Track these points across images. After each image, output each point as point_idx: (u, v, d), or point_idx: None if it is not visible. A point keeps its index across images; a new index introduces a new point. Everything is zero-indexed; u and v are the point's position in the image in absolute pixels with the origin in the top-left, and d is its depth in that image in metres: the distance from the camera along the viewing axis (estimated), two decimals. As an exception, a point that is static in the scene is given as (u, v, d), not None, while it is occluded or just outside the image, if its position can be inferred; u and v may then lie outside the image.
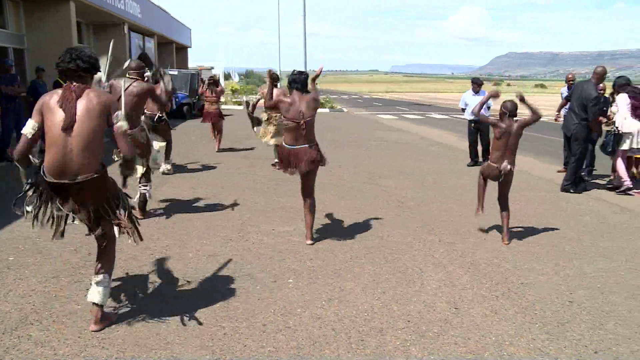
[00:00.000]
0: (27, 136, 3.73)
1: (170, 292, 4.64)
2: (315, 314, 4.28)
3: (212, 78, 13.81)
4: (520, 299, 4.71)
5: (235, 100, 32.70)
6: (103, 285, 3.94)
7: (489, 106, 11.69)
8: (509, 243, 6.20)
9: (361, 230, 6.60)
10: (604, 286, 5.05)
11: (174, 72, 22.98)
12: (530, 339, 3.99)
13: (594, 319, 4.36)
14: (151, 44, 28.13)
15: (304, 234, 6.22)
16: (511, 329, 4.14)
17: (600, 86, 10.37)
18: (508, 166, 6.11)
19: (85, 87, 3.77)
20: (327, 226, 6.76)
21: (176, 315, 4.17)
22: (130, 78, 6.71)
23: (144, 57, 8.40)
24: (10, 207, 4.02)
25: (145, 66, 7.29)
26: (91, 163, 3.70)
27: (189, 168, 10.64)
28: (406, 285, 4.91)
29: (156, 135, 9.65)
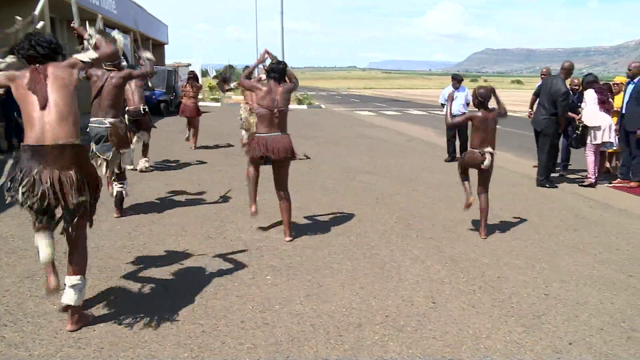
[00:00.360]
0: None
1: (147, 290, 4.60)
2: (294, 310, 4.28)
3: (192, 72, 13.75)
4: (497, 292, 4.76)
5: (212, 97, 32.51)
6: (78, 288, 3.88)
7: (468, 102, 11.80)
8: (486, 237, 6.25)
9: (339, 227, 6.61)
10: (578, 279, 5.13)
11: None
12: (507, 331, 4.04)
13: (569, 310, 4.42)
14: (127, 41, 27.87)
15: (282, 231, 6.22)
16: (488, 322, 4.18)
17: (575, 81, 10.54)
18: (491, 150, 6.17)
19: (49, 65, 3.76)
20: (305, 222, 6.76)
21: (153, 313, 4.14)
22: (106, 69, 6.66)
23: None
24: None
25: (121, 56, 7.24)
26: (71, 131, 3.69)
27: (166, 165, 10.56)
28: (384, 281, 4.94)
29: (141, 132, 9.59)
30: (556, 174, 10.57)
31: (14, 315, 4.05)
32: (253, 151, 5.94)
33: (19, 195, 3.64)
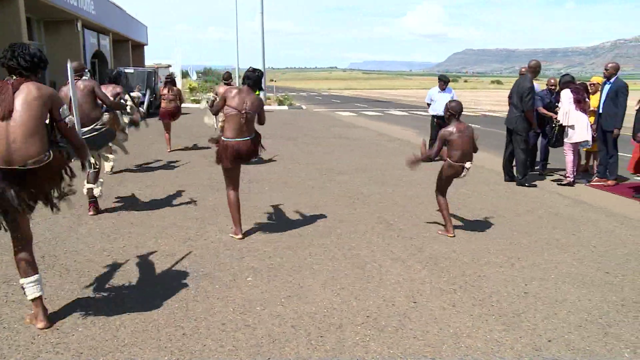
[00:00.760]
0: None
1: (127, 294, 4.56)
2: (275, 312, 4.27)
3: (170, 76, 13.66)
4: (477, 291, 4.79)
5: (193, 98, 32.35)
6: (39, 282, 3.92)
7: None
8: (454, 235, 6.32)
9: (320, 227, 6.61)
10: (557, 277, 5.17)
11: (130, 70, 22.63)
12: (487, 330, 4.06)
13: (548, 308, 4.46)
14: (106, 42, 27.65)
15: (264, 232, 6.23)
16: (469, 321, 4.21)
17: (551, 81, 10.66)
18: (470, 164, 6.22)
19: (24, 80, 3.73)
20: (286, 223, 6.74)
21: (133, 316, 4.11)
22: (75, 79, 6.70)
23: (116, 76, 8.46)
24: None
25: (85, 69, 7.39)
26: (37, 149, 3.65)
27: (145, 167, 10.49)
28: (365, 281, 4.94)
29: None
30: (535, 173, 10.68)
31: (-10, 321, 4.00)
32: (223, 158, 5.95)
33: None
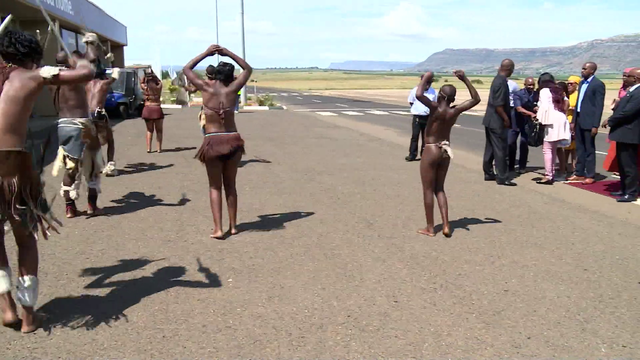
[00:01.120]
0: None
1: (106, 297, 4.52)
2: (256, 313, 4.26)
3: (150, 74, 13.59)
4: (457, 290, 4.81)
5: (173, 99, 32.19)
6: (32, 288, 3.85)
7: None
8: (449, 234, 6.31)
9: (301, 228, 6.61)
10: (536, 274, 5.22)
11: (109, 70, 22.41)
12: (468, 328, 4.08)
13: (527, 306, 4.50)
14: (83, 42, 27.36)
15: (244, 233, 6.21)
16: (449, 319, 4.22)
17: (529, 81, 10.76)
18: (447, 142, 6.24)
19: (16, 69, 3.71)
20: (266, 224, 6.73)
21: (112, 319, 4.07)
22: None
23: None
24: None
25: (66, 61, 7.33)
26: (13, 140, 3.64)
27: (125, 169, 10.40)
28: (346, 281, 4.94)
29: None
30: (515, 171, 10.77)
31: (-35, 326, 3.94)
32: (206, 153, 6.03)
33: None
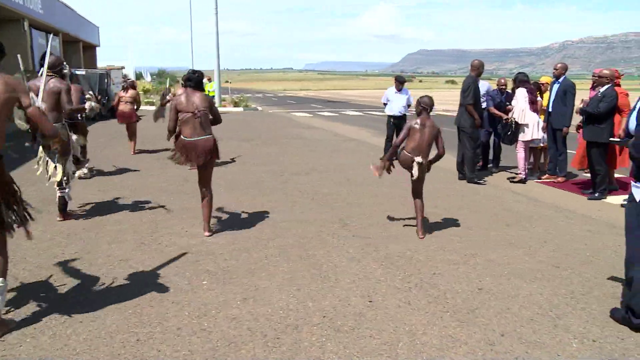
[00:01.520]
0: None
1: (78, 301, 4.46)
2: (231, 315, 4.24)
3: (131, 81, 13.60)
4: (432, 289, 4.84)
5: (147, 100, 31.91)
6: (1, 291, 3.80)
7: (409, 104, 11.99)
8: (423, 237, 6.34)
9: (276, 229, 6.59)
10: (509, 272, 5.27)
11: (81, 72, 22.16)
12: (442, 326, 4.11)
13: (501, 303, 4.54)
14: (56, 43, 26.98)
15: (219, 234, 6.19)
16: (424, 318, 4.25)
17: (502, 81, 10.87)
18: (420, 159, 6.25)
19: None
20: (241, 225, 6.70)
21: (85, 323, 4.02)
22: (48, 75, 6.57)
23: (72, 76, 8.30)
24: None
25: (63, 62, 7.16)
26: None
27: (97, 171, 10.28)
28: (321, 282, 4.94)
29: (78, 136, 9.33)
30: (488, 171, 10.87)
31: None
32: (179, 158, 6.12)
33: None
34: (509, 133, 9.85)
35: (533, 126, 9.49)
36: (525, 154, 9.78)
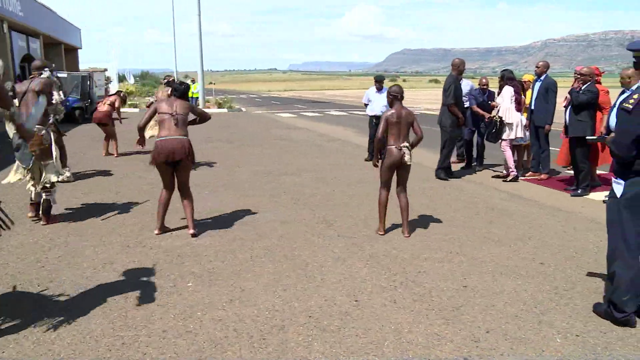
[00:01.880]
0: None
1: (62, 305, 4.43)
2: (216, 316, 4.23)
3: (121, 92, 13.66)
4: (417, 287, 4.86)
5: (131, 103, 31.71)
6: None
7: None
8: (409, 236, 6.36)
9: (261, 229, 6.58)
10: (494, 269, 5.31)
11: (63, 74, 21.98)
12: (428, 324, 4.13)
13: (486, 300, 4.57)
14: (37, 45, 26.75)
15: (204, 236, 6.19)
16: (410, 316, 4.26)
17: (483, 81, 10.93)
18: (407, 144, 6.25)
19: None
20: (226, 226, 6.69)
21: (70, 327, 4.00)
22: (31, 77, 6.64)
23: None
24: None
25: (45, 66, 7.11)
26: None
27: (81, 174, 10.21)
28: (307, 282, 4.95)
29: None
30: (474, 169, 10.94)
31: None
32: (157, 157, 6.14)
33: None
34: (493, 131, 9.90)
35: (517, 125, 9.55)
36: (512, 152, 9.83)
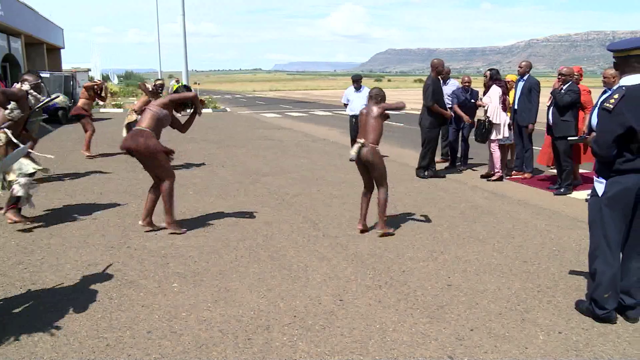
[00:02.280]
0: None
1: (46, 307, 4.39)
2: (201, 317, 4.22)
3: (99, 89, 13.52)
4: (402, 286, 4.88)
5: (115, 103, 31.52)
6: None
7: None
8: (380, 233, 6.37)
9: (246, 230, 6.58)
10: (478, 268, 5.34)
11: (45, 74, 21.77)
12: (412, 323, 4.15)
13: (470, 299, 4.60)
14: (18, 45, 26.47)
15: (189, 237, 6.18)
16: (394, 315, 4.28)
17: (465, 79, 10.98)
18: (362, 140, 6.24)
19: None
20: (211, 227, 6.67)
21: (53, 330, 3.97)
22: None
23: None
24: None
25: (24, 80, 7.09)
26: None
27: (65, 175, 10.13)
28: (291, 282, 4.95)
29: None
30: (459, 169, 10.99)
31: None
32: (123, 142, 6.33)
33: None
34: (483, 131, 9.90)
35: (504, 125, 9.61)
36: (500, 152, 9.87)
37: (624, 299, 4.18)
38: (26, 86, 6.86)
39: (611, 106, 3.91)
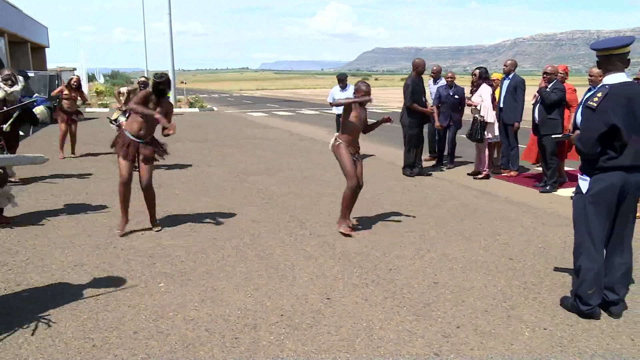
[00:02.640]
0: None
1: (31, 308, 4.35)
2: (188, 316, 4.21)
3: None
4: (389, 284, 4.89)
5: (100, 102, 31.32)
6: None
7: None
8: (345, 234, 6.38)
9: (233, 229, 6.57)
10: (464, 266, 5.37)
11: (30, 73, 21.57)
12: (399, 321, 4.16)
13: (456, 296, 4.63)
14: (1, 44, 26.22)
15: (175, 236, 6.15)
16: (381, 313, 4.30)
17: (449, 74, 11.01)
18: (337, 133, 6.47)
19: None
20: (198, 227, 6.65)
21: (38, 331, 3.94)
22: None
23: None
24: None
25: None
26: None
27: (49, 175, 10.05)
28: (278, 280, 4.95)
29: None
30: (445, 167, 11.03)
31: None
32: (120, 149, 6.26)
33: None
34: (478, 130, 9.90)
35: (494, 123, 9.67)
36: (489, 150, 9.92)
37: (608, 295, 4.23)
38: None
39: (595, 104, 3.94)
